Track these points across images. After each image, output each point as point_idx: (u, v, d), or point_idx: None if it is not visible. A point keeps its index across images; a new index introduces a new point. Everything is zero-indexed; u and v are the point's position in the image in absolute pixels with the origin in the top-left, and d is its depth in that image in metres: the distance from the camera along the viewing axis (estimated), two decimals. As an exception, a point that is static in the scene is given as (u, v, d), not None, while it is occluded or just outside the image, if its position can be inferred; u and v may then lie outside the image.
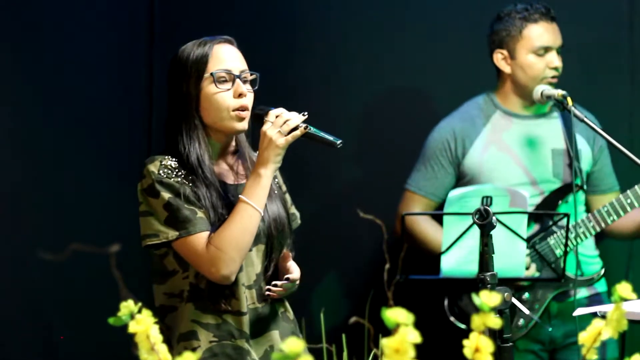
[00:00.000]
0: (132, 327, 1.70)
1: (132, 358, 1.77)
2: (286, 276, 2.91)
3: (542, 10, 3.88)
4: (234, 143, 2.99)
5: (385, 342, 1.54)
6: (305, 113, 2.85)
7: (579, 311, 3.01)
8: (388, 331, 1.56)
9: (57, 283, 3.88)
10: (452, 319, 3.89)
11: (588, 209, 3.98)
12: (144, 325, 1.68)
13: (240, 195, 2.83)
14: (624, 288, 1.71)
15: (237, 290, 2.87)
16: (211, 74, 2.88)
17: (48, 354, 3.90)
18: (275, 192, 3.00)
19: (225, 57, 2.91)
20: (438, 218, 3.78)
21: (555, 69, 3.86)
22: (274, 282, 2.92)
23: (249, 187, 2.83)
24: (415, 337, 1.53)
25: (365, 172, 4.46)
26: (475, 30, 4.06)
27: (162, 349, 1.68)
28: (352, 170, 4.48)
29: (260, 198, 2.82)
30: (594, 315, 2.82)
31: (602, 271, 3.91)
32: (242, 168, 2.96)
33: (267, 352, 2.92)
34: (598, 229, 3.82)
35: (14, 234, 3.75)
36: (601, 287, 4.01)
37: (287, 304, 3.02)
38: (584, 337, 1.75)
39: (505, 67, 3.92)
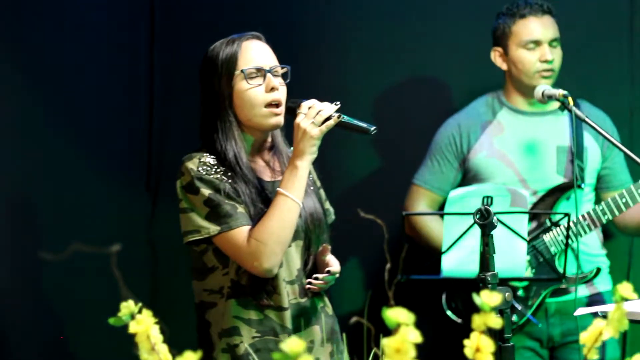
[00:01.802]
0: (133, 328, 1.70)
1: (133, 358, 1.77)
2: (327, 269, 2.93)
3: (532, 5, 3.90)
4: (269, 139, 3.01)
5: (386, 342, 1.53)
6: (338, 102, 2.88)
7: (580, 311, 3.00)
8: (389, 331, 1.55)
9: (58, 283, 3.88)
10: (448, 313, 3.90)
11: None
12: (144, 326, 1.68)
13: (278, 188, 2.85)
14: (625, 288, 1.71)
15: (278, 286, 2.89)
16: (242, 71, 2.90)
17: (48, 354, 3.90)
18: (311, 187, 3.03)
19: (255, 53, 2.94)
20: (440, 216, 3.79)
21: (547, 61, 3.87)
22: (314, 276, 2.94)
23: (286, 179, 2.85)
24: (416, 337, 1.52)
25: (366, 172, 4.45)
26: (483, 26, 4.06)
27: (163, 348, 1.68)
28: (353, 170, 4.47)
29: (298, 190, 2.85)
30: (594, 315, 2.81)
31: (597, 270, 3.90)
32: (278, 164, 2.99)
33: (308, 347, 2.93)
34: (593, 228, 3.82)
35: (14, 235, 3.74)
36: (603, 285, 4.00)
37: (326, 299, 3.04)
38: (585, 337, 1.74)
39: (502, 64, 3.96)
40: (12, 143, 3.77)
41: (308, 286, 2.94)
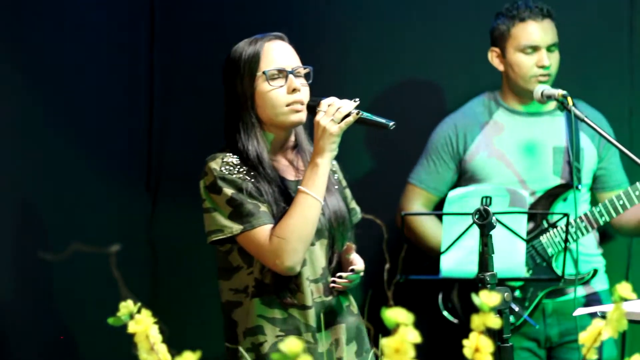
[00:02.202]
0: (132, 327, 1.70)
1: (133, 358, 1.77)
2: (351, 267, 2.94)
3: (532, 8, 3.88)
4: (292, 138, 3.02)
5: (385, 342, 1.54)
6: (357, 99, 2.89)
7: (579, 311, 3.01)
8: (388, 331, 1.56)
9: (58, 283, 3.88)
10: (445, 313, 3.90)
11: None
12: (143, 325, 1.68)
13: (299, 186, 2.86)
14: (623, 288, 1.71)
15: (302, 284, 2.90)
16: (263, 72, 2.92)
17: (48, 354, 3.90)
18: (336, 186, 3.05)
19: (276, 54, 2.95)
20: (438, 216, 3.79)
21: (544, 67, 3.86)
22: (338, 274, 2.94)
23: (307, 177, 2.86)
24: (415, 337, 1.53)
25: (365, 172, 4.45)
26: (482, 27, 4.06)
27: (162, 348, 1.68)
28: (353, 170, 4.47)
29: (319, 187, 2.86)
30: (592, 314, 2.81)
31: (593, 271, 3.91)
32: (301, 163, 2.99)
33: (333, 345, 2.94)
34: (590, 230, 3.82)
35: (14, 235, 3.74)
36: (600, 285, 4.00)
37: (351, 298, 3.05)
38: (584, 337, 1.75)
39: (499, 65, 3.95)
40: (12, 143, 3.77)
41: (332, 285, 2.95)
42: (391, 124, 2.88)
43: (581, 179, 3.93)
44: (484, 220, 2.85)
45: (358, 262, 2.96)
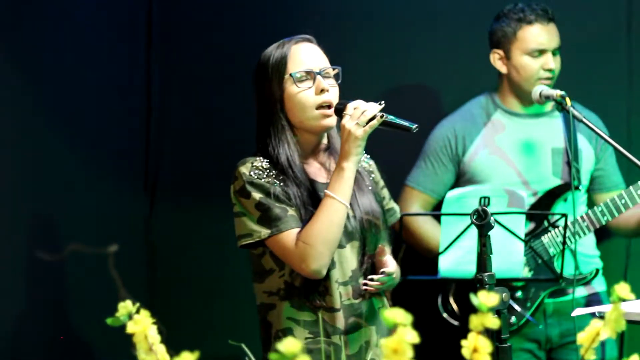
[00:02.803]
0: (130, 328, 1.70)
1: (131, 358, 1.77)
2: (382, 270, 2.93)
3: (538, 11, 3.87)
4: (325, 141, 3.04)
5: (384, 342, 1.54)
6: (382, 102, 2.90)
7: (578, 311, 3.01)
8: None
9: (56, 283, 3.88)
10: (445, 315, 3.89)
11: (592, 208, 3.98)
12: (141, 326, 1.68)
13: (325, 190, 2.87)
14: (622, 288, 1.71)
15: (330, 287, 2.90)
16: (290, 75, 2.92)
17: (48, 354, 3.90)
18: (370, 187, 3.05)
19: (304, 56, 2.96)
20: (437, 217, 3.79)
21: (550, 70, 3.86)
22: (370, 277, 2.94)
23: (333, 181, 2.87)
24: (414, 337, 1.53)
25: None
26: (481, 28, 4.06)
27: (160, 349, 1.68)
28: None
29: (344, 191, 2.86)
30: (592, 315, 2.81)
31: (595, 271, 3.91)
32: (334, 166, 2.97)
33: (362, 347, 2.94)
34: (592, 229, 3.82)
35: (12, 235, 3.74)
36: (599, 286, 4.01)
37: (385, 300, 3.04)
38: (583, 337, 1.75)
39: (502, 68, 3.94)
40: (11, 143, 3.77)
41: (364, 287, 2.95)
42: (414, 126, 2.90)
43: (581, 179, 3.93)
44: (483, 221, 2.85)
45: (390, 264, 2.96)
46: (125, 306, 1.70)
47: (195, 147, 4.43)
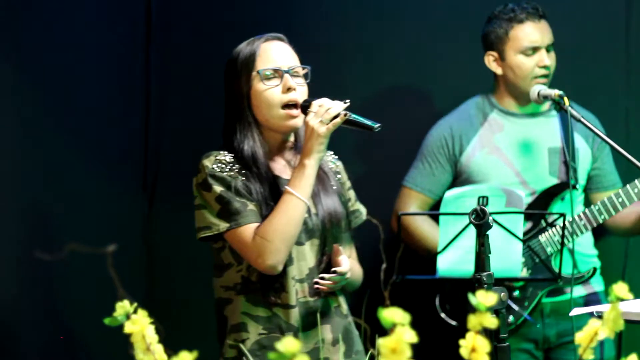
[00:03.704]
0: (128, 327, 1.70)
1: (130, 358, 1.77)
2: (333, 269, 2.94)
3: (529, 9, 3.88)
4: (292, 138, 3.04)
5: (382, 342, 1.54)
6: (347, 101, 2.90)
7: (576, 311, 3.01)
8: (385, 331, 1.56)
9: (55, 283, 3.88)
10: (443, 315, 3.89)
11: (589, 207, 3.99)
12: (139, 325, 1.68)
13: (285, 186, 2.87)
14: (620, 288, 1.71)
15: (286, 284, 2.91)
16: (258, 72, 2.93)
17: (47, 353, 3.90)
18: (335, 187, 3.05)
19: (272, 54, 2.97)
20: (435, 217, 3.79)
21: (545, 67, 3.87)
22: (321, 275, 2.95)
23: (294, 178, 2.88)
24: (412, 337, 1.52)
25: (362, 172, 4.45)
26: (476, 29, 4.06)
27: (158, 348, 1.68)
28: (349, 170, 4.47)
29: (304, 188, 2.87)
30: (591, 314, 2.81)
31: (593, 270, 3.91)
32: (294, 170, 2.97)
33: (316, 345, 2.94)
34: (589, 228, 3.82)
35: (11, 234, 3.74)
36: (598, 286, 4.01)
37: (341, 299, 3.05)
38: (581, 337, 1.75)
39: (497, 69, 3.94)
40: (10, 143, 3.77)
41: (315, 286, 2.95)
42: (377, 125, 2.91)
43: (578, 178, 3.93)
44: (481, 220, 2.86)
45: (344, 264, 2.96)
46: (123, 306, 1.70)
47: (194, 146, 4.42)
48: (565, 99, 3.69)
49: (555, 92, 3.72)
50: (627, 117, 4.32)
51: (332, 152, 3.16)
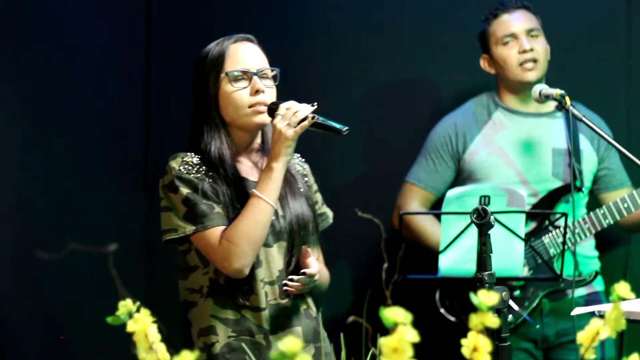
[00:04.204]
0: (130, 326, 1.70)
1: (132, 357, 1.77)
2: (302, 270, 2.93)
3: (505, 3, 3.95)
4: (259, 140, 3.03)
5: (384, 342, 1.53)
6: (315, 103, 2.89)
7: (577, 310, 3.01)
8: (386, 330, 1.55)
9: (56, 283, 3.88)
10: (442, 311, 3.90)
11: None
12: (142, 324, 1.68)
13: (252, 190, 2.86)
14: (621, 287, 1.71)
15: (255, 286, 2.90)
16: (226, 73, 2.91)
17: (47, 353, 3.90)
18: (302, 190, 3.03)
19: (241, 55, 2.96)
20: (437, 215, 3.79)
21: (525, 51, 3.88)
22: (290, 277, 2.94)
23: (261, 181, 2.86)
24: (414, 336, 1.52)
25: (363, 171, 4.45)
26: (479, 26, 4.07)
27: (161, 347, 1.68)
28: (350, 169, 4.47)
29: (272, 191, 2.85)
30: (591, 314, 2.81)
31: (595, 273, 3.91)
32: (261, 173, 2.96)
33: None
34: (593, 231, 3.82)
35: (11, 234, 3.74)
36: (598, 286, 4.01)
37: (309, 301, 3.04)
38: (582, 337, 1.74)
39: (490, 69, 3.99)
40: (10, 142, 3.77)
41: (284, 287, 2.94)
42: (345, 129, 2.90)
43: (583, 180, 3.93)
44: (482, 220, 2.85)
45: (312, 266, 2.95)
46: (126, 305, 1.70)
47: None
48: (567, 98, 3.69)
49: (557, 92, 3.72)
50: (629, 117, 4.32)
51: (299, 155, 3.14)
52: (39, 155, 3.88)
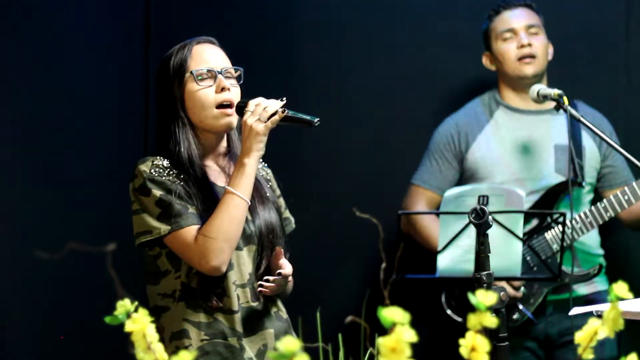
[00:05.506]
0: (129, 326, 1.70)
1: (130, 357, 1.77)
2: (278, 271, 2.93)
3: (507, 1, 3.96)
4: (224, 144, 3.02)
5: (382, 342, 1.54)
6: (284, 98, 2.90)
7: (575, 310, 3.01)
8: (384, 330, 1.56)
9: (55, 282, 3.88)
10: (449, 312, 3.90)
11: None
12: (140, 324, 1.68)
13: (226, 186, 2.86)
14: (620, 287, 1.71)
15: (228, 289, 2.89)
16: (191, 72, 2.92)
17: (47, 353, 3.90)
18: (268, 195, 3.03)
19: (205, 56, 2.97)
20: (437, 215, 3.80)
21: (524, 46, 3.91)
22: (265, 278, 2.94)
23: (234, 177, 2.86)
24: (412, 336, 1.52)
25: (362, 171, 4.46)
26: (480, 27, 4.08)
27: (159, 347, 1.68)
28: (349, 169, 4.47)
29: (245, 187, 2.85)
30: (591, 314, 2.81)
31: (599, 266, 3.91)
32: (233, 169, 2.96)
33: (260, 350, 2.94)
34: (595, 225, 3.82)
35: (10, 234, 3.74)
36: (602, 285, 4.01)
37: (280, 304, 3.04)
38: (580, 337, 1.75)
39: (491, 66, 4.01)
40: (10, 142, 3.77)
41: (259, 289, 2.94)
42: (316, 120, 2.90)
43: (584, 176, 3.93)
44: (481, 220, 2.86)
45: (286, 267, 2.95)
46: (124, 304, 1.70)
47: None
48: (565, 98, 3.70)
49: (555, 92, 3.73)
50: (627, 116, 4.32)
51: (261, 160, 3.14)
52: (38, 155, 3.88)
